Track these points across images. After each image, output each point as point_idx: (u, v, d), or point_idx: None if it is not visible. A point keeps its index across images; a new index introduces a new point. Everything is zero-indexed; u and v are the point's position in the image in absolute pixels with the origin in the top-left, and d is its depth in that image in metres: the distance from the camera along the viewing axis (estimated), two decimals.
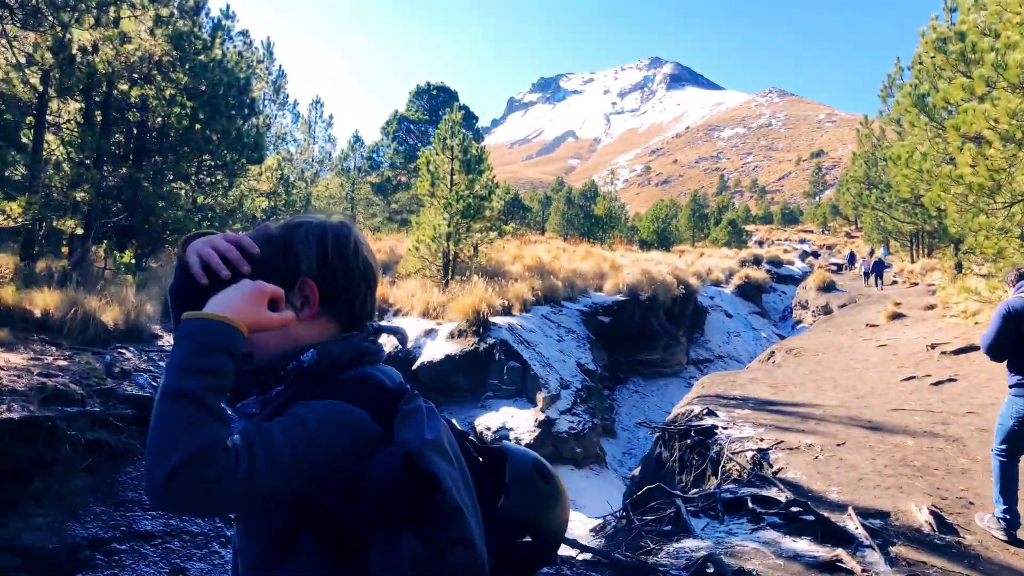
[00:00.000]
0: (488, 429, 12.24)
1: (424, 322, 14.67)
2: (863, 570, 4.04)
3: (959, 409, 7.66)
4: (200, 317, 1.08)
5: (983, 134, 9.53)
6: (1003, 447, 4.71)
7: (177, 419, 0.99)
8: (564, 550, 4.39)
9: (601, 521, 7.70)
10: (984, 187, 10.28)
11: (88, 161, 10.27)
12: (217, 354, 1.06)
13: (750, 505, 5.00)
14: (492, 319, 14.16)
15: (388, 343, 11.80)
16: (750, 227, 69.72)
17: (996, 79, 9.26)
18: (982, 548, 4.50)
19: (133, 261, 10.29)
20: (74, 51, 9.55)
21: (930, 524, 4.77)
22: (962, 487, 5.47)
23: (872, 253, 32.25)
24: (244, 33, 20.20)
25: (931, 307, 16.83)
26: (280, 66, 27.99)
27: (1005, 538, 4.66)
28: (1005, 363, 4.75)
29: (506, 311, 14.96)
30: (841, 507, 5.02)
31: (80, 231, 10.28)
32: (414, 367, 13.31)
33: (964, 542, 4.58)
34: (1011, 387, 4.74)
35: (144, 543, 5.94)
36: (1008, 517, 4.67)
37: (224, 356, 1.06)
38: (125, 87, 11.08)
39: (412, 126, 39.57)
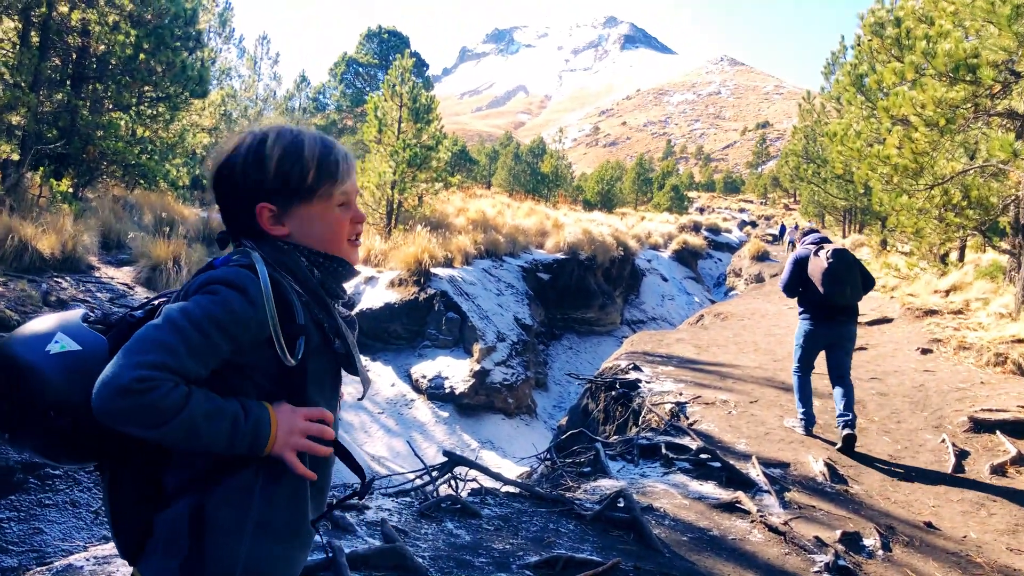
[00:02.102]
0: (424, 377, 12.50)
1: (365, 269, 14.74)
2: (758, 510, 4.46)
3: (864, 375, 8.23)
4: (264, 436, 1.28)
5: (910, 118, 10.01)
6: (798, 365, 6.17)
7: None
8: (488, 483, 4.70)
9: (528, 469, 8.08)
10: (908, 169, 10.80)
11: (24, 84, 9.95)
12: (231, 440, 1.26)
13: (663, 451, 5.40)
14: (433, 270, 14.34)
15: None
16: (692, 194, 70.85)
17: (925, 66, 9.71)
18: (866, 496, 4.98)
19: (71, 190, 10.09)
20: None
21: (824, 474, 5.24)
22: (857, 444, 5.96)
23: (796, 228, 33.33)
24: None
25: None
26: None
27: (804, 433, 6.15)
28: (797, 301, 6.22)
29: (448, 263, 15.15)
30: (746, 457, 5.46)
31: (16, 156, 10.01)
32: (353, 313, 13.40)
33: (851, 491, 5.06)
34: (800, 315, 6.20)
35: (78, 470, 6.04)
36: (805, 419, 6.19)
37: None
38: (65, 10, 10.71)
39: (361, 69, 38.81)
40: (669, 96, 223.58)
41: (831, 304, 5.83)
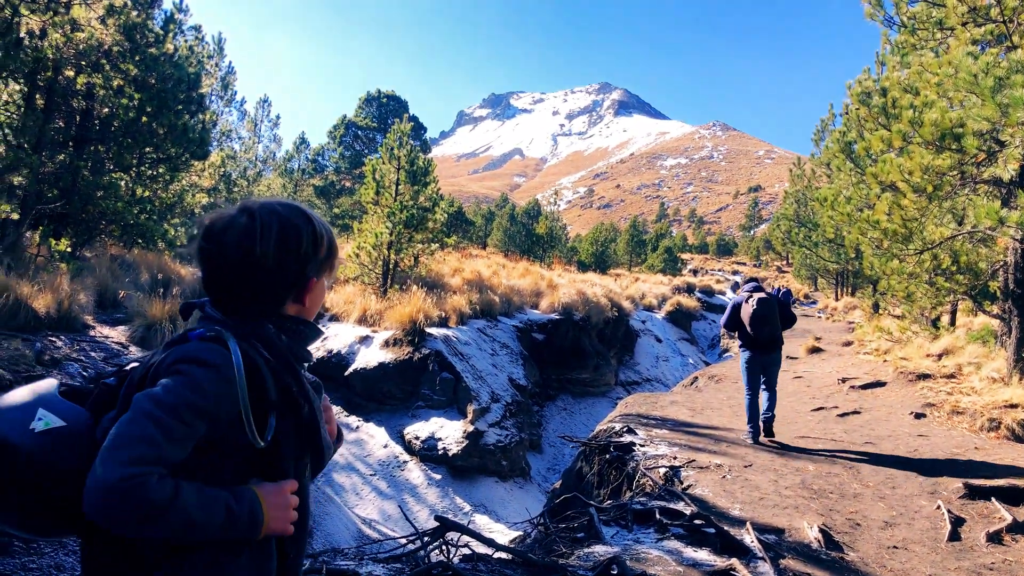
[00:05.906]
0: (417, 438, 12.38)
1: (360, 328, 14.74)
2: None
3: (859, 440, 8.21)
4: (259, 518, 1.32)
5: (898, 185, 10.20)
6: (748, 388, 7.90)
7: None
8: (481, 548, 4.64)
9: (522, 533, 7.96)
10: (898, 234, 10.96)
11: (27, 145, 10.11)
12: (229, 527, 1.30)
13: (658, 516, 5.36)
14: (428, 329, 14.34)
15: (321, 348, 11.70)
16: (686, 256, 71.54)
17: (912, 134, 9.94)
18: (862, 564, 4.93)
19: (69, 249, 10.16)
20: (22, 34, 9.45)
21: (819, 541, 5.19)
22: (852, 510, 5.93)
23: (779, 291, 33.56)
24: (196, 28, 19.98)
25: (848, 343, 17.69)
26: (230, 62, 27.67)
27: (752, 442, 7.92)
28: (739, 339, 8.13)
29: (443, 322, 15.17)
30: (741, 522, 5.42)
31: (16, 216, 10.11)
32: (347, 373, 13.37)
33: (847, 558, 5.01)
34: (739, 347, 8.08)
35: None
36: (753, 431, 7.94)
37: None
38: (71, 74, 10.96)
39: (360, 132, 39.32)
40: (662, 160, 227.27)
41: (758, 339, 7.76)
